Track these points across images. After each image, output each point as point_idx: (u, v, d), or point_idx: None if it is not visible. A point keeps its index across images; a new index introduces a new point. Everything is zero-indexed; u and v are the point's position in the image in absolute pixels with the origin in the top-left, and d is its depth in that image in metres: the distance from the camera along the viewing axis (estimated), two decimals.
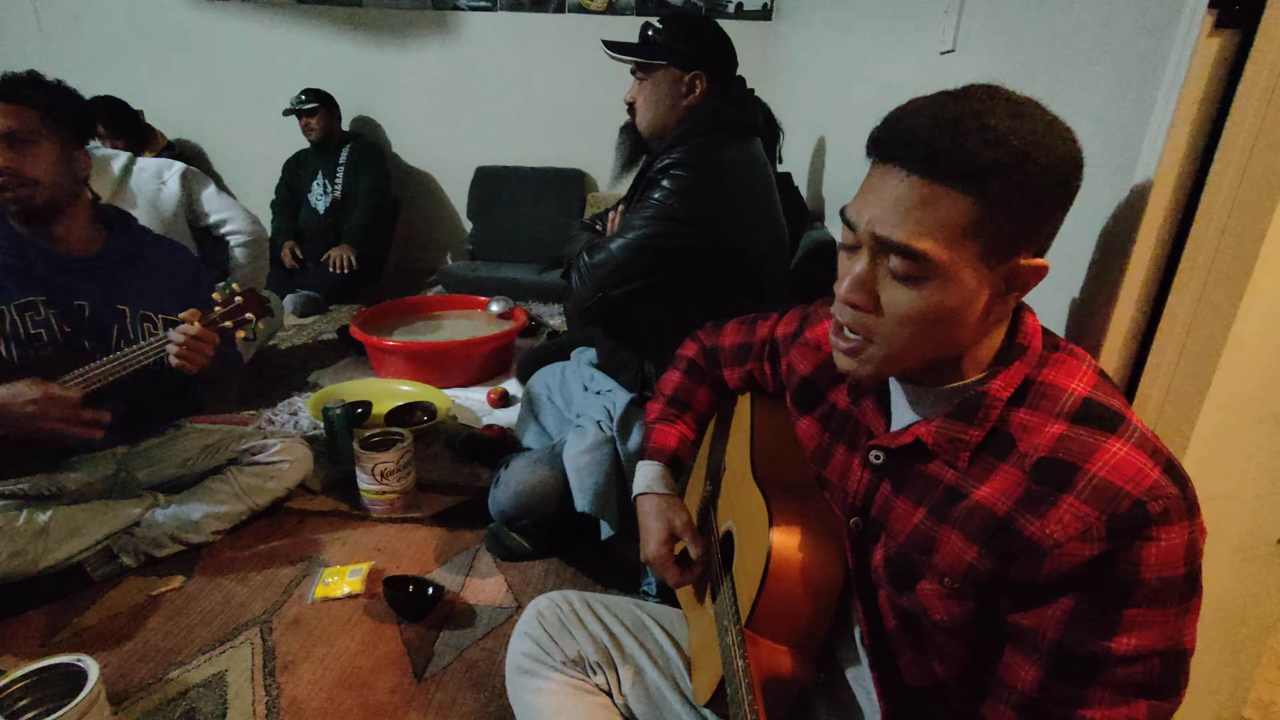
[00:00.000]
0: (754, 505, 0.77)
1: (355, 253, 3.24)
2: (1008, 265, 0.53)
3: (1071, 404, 0.54)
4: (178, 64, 3.65)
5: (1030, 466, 0.54)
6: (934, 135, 0.50)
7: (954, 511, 0.58)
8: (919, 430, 0.60)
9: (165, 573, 1.41)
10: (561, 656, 0.88)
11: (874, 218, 0.53)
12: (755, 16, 3.43)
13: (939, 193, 0.50)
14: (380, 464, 1.58)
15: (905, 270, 0.53)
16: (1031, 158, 0.49)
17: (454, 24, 3.55)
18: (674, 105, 1.34)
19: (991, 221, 0.50)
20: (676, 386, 0.98)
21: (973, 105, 0.51)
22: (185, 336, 1.26)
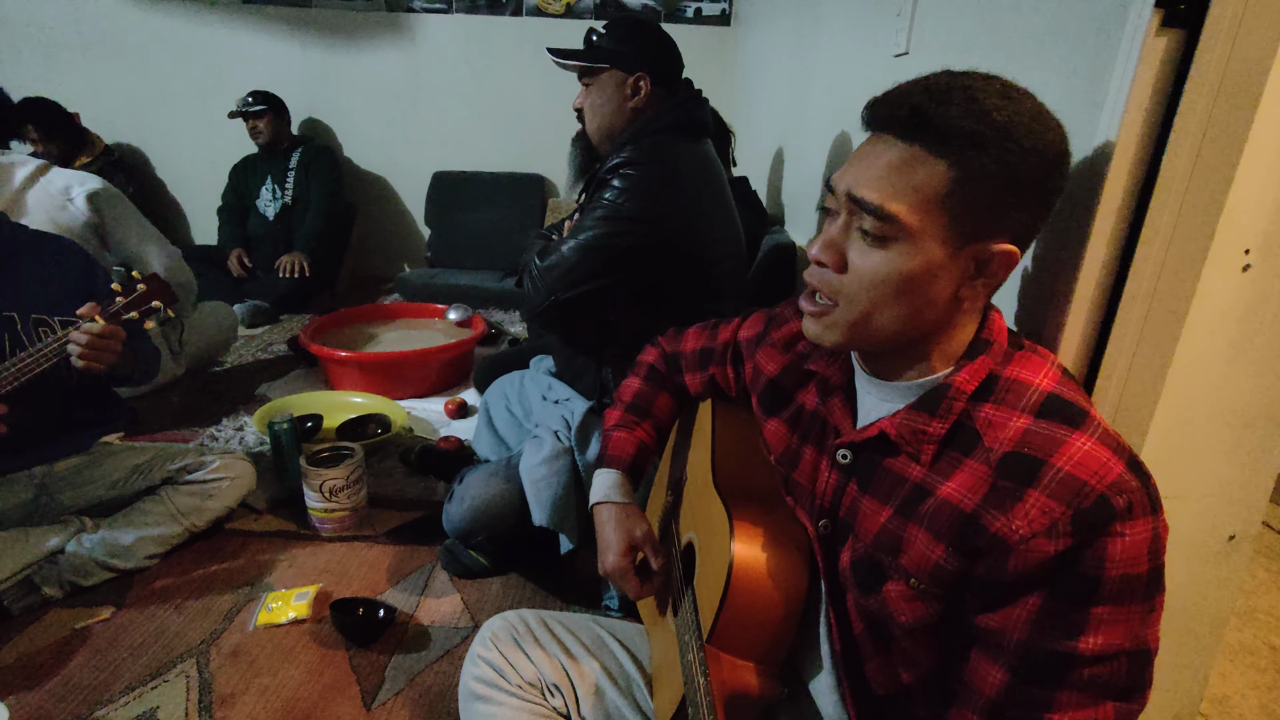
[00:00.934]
0: (715, 515, 0.75)
1: (308, 260, 3.13)
2: (977, 246, 0.53)
3: (1036, 398, 0.54)
4: (118, 65, 3.50)
5: (996, 461, 0.53)
6: (921, 100, 0.52)
7: (920, 509, 0.57)
8: (883, 423, 0.60)
9: (93, 603, 1.32)
10: (517, 679, 0.84)
11: (853, 180, 0.55)
12: (714, 22, 3.44)
13: (917, 156, 0.52)
14: (329, 480, 1.51)
15: (875, 229, 0.54)
16: (1013, 136, 0.50)
17: (408, 26, 3.47)
18: (620, 108, 1.33)
19: (965, 195, 0.51)
20: (636, 393, 0.96)
21: (967, 80, 0.53)
22: (89, 335, 1.17)
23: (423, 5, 3.44)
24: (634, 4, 3.42)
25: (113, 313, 1.22)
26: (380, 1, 3.43)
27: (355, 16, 3.45)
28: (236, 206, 3.32)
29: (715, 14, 3.43)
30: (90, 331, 1.18)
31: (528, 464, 1.28)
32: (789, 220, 2.17)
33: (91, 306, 1.20)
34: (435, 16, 3.46)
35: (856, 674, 0.65)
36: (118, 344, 1.21)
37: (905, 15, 1.22)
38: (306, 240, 3.20)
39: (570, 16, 3.44)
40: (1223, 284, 0.72)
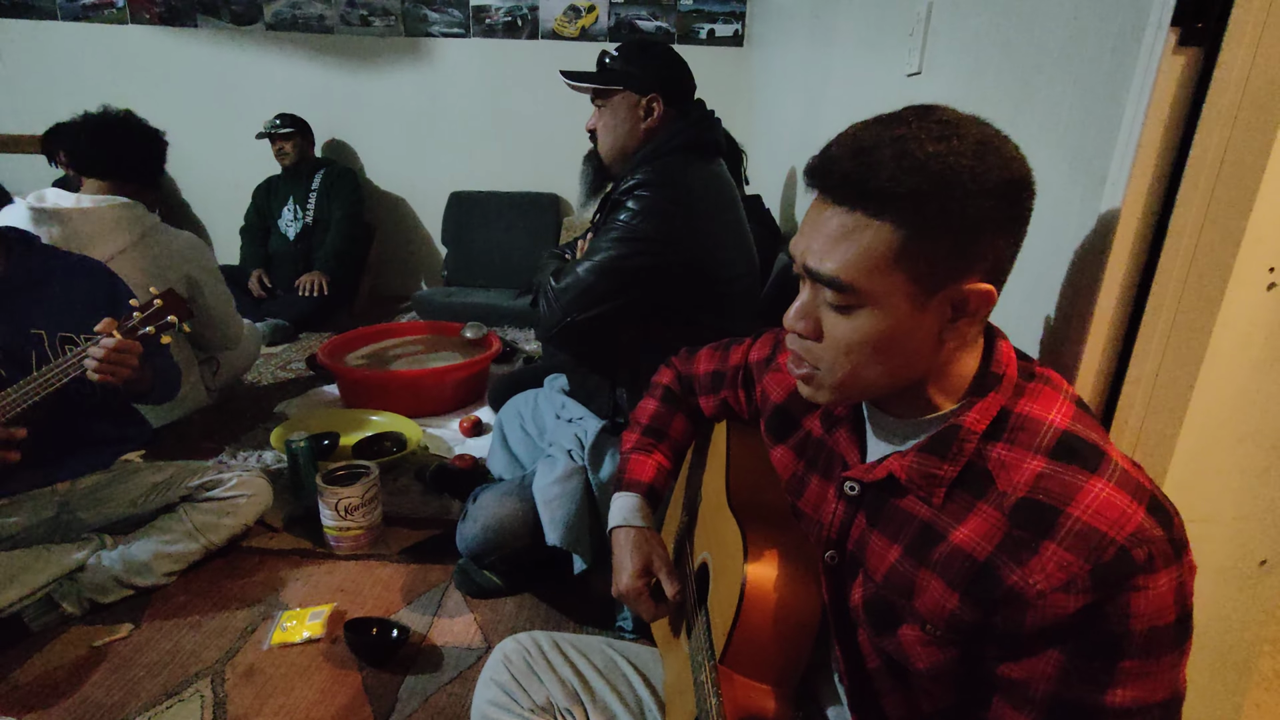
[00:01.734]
0: (729, 536, 0.74)
1: (328, 279, 3.18)
2: (947, 292, 0.51)
3: (1050, 438, 0.52)
4: (147, 92, 3.60)
5: (1009, 508, 0.51)
6: (849, 166, 0.50)
7: (933, 554, 0.55)
8: (892, 464, 0.58)
9: (111, 620, 1.33)
10: (529, 703, 0.84)
11: (806, 249, 0.54)
12: (728, 43, 3.48)
13: (860, 222, 0.50)
14: (344, 499, 1.52)
15: (837, 300, 0.53)
16: (954, 184, 0.48)
17: (427, 50, 3.55)
18: (633, 129, 1.34)
19: (919, 251, 0.49)
20: (653, 415, 0.96)
21: (894, 131, 0.50)
22: (105, 349, 1.19)
23: (441, 30, 3.51)
24: (648, 27, 3.47)
25: (130, 328, 1.24)
26: (399, 27, 3.51)
27: (375, 42, 3.53)
28: (258, 227, 3.39)
29: (728, 35, 3.47)
30: (107, 346, 1.20)
31: (541, 483, 1.28)
32: None
33: (109, 322, 1.23)
34: (453, 40, 3.53)
35: (871, 707, 0.64)
36: (134, 359, 1.23)
37: (918, 36, 1.22)
38: (327, 260, 3.26)
39: (585, 39, 3.49)
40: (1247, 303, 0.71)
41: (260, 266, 3.28)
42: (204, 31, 3.51)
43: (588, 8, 3.45)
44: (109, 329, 1.22)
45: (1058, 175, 0.77)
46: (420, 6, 3.48)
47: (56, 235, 1.68)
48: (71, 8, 3.48)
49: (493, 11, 3.48)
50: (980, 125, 0.52)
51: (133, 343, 1.23)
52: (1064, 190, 0.76)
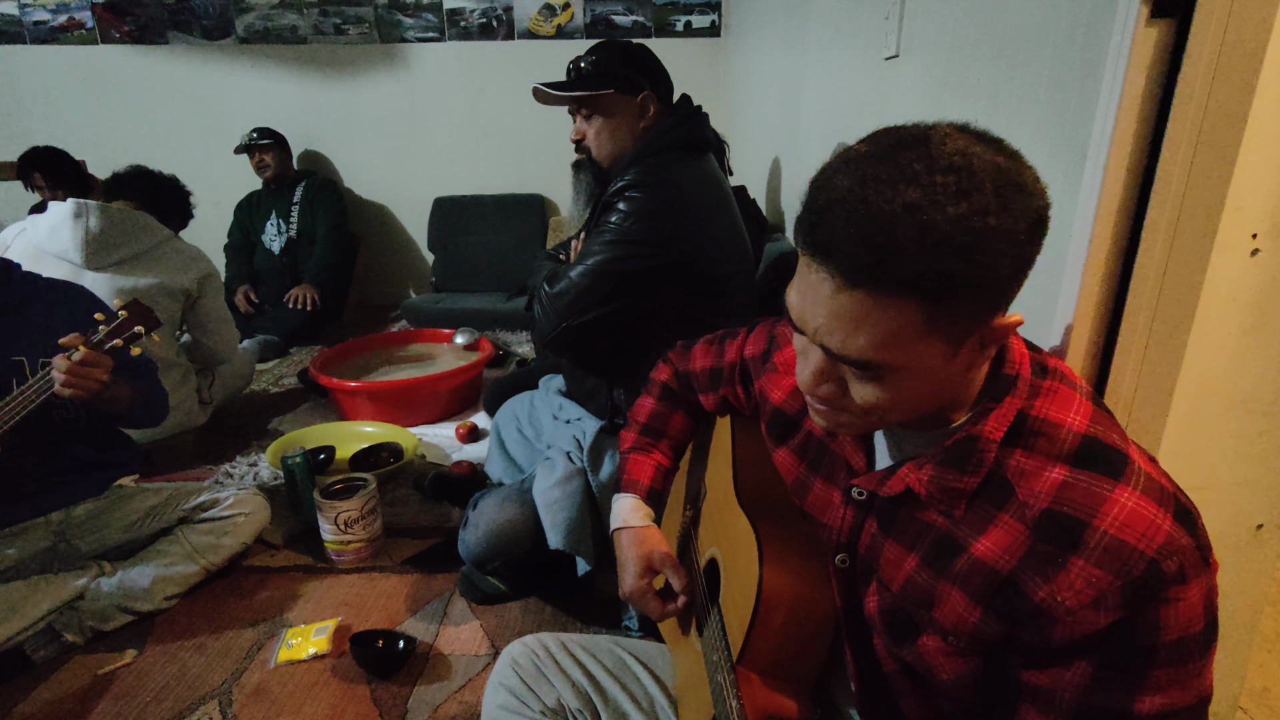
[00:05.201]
0: (740, 532, 0.73)
1: (317, 292, 3.17)
2: (979, 333, 0.49)
3: (1070, 443, 0.50)
4: (121, 111, 3.57)
5: (1032, 520, 0.49)
6: (863, 253, 0.43)
7: (953, 566, 0.53)
8: (909, 478, 0.55)
9: (115, 647, 1.32)
10: (540, 706, 0.83)
11: (820, 328, 0.48)
12: (704, 34, 3.47)
13: (881, 304, 0.45)
14: (343, 512, 1.51)
15: (864, 375, 0.49)
16: (985, 248, 0.43)
17: (403, 56, 3.52)
18: (631, 130, 1.33)
19: (950, 316, 0.46)
20: (651, 413, 0.94)
21: (903, 194, 0.43)
22: (70, 363, 1.18)
23: (416, 35, 3.49)
24: (624, 22, 3.45)
25: (96, 341, 1.23)
26: (374, 33, 3.49)
27: (350, 50, 3.51)
28: (242, 243, 3.37)
29: (705, 26, 3.46)
30: (73, 360, 1.18)
31: (541, 487, 1.28)
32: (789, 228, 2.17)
33: (74, 336, 1.22)
34: (428, 45, 3.50)
35: (887, 709, 0.63)
36: (103, 372, 1.21)
37: (894, 18, 1.22)
38: (316, 273, 3.24)
39: (561, 37, 3.47)
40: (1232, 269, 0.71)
41: (246, 283, 3.25)
42: (175, 48, 3.47)
43: (562, 5, 3.43)
44: (75, 343, 1.21)
45: (1039, 152, 0.77)
46: (394, 12, 3.45)
47: (94, 226, 1.84)
48: (40, 30, 3.44)
49: (467, 14, 3.45)
50: (990, 153, 0.45)
51: (100, 355, 1.22)
52: (1045, 167, 0.76)
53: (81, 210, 1.83)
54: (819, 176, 0.48)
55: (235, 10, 3.43)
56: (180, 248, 2.04)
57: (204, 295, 2.07)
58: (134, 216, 1.94)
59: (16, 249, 1.86)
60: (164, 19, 3.43)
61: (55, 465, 1.34)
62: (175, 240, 2.05)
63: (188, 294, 2.02)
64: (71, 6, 3.41)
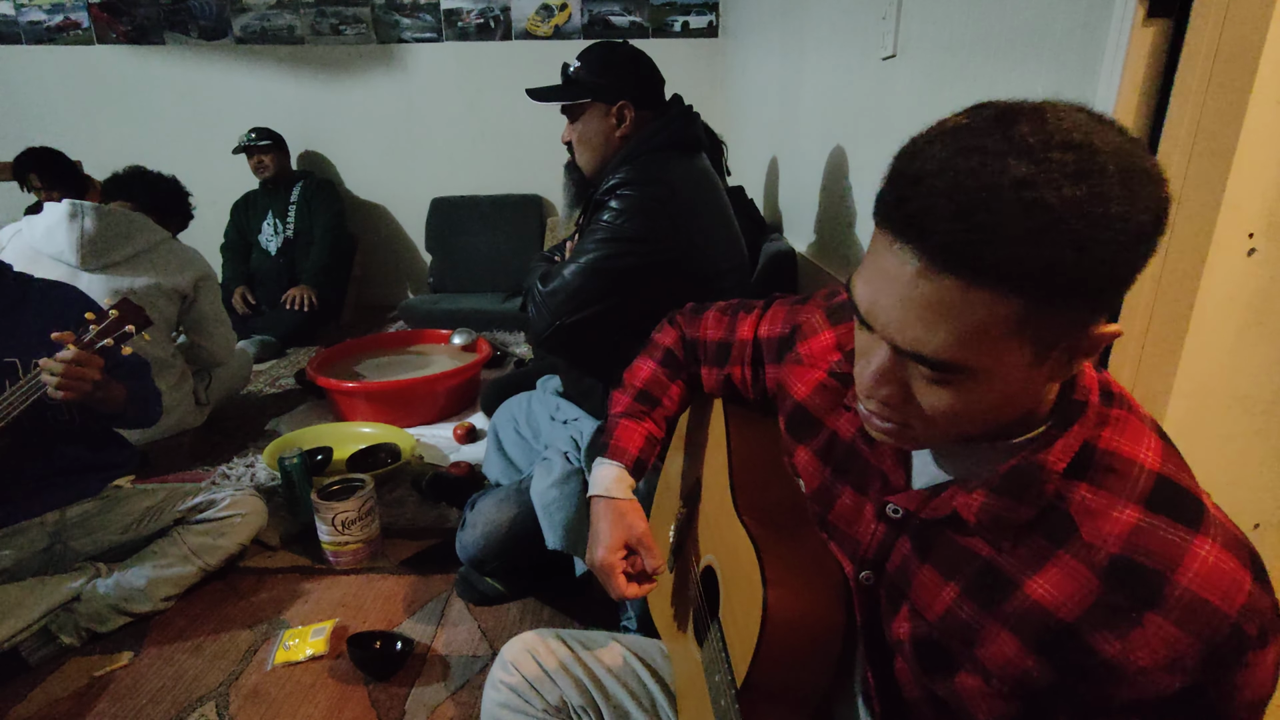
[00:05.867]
0: (740, 547, 0.70)
1: (315, 293, 3.16)
2: (1071, 341, 0.43)
3: (1144, 483, 0.45)
4: (116, 111, 3.56)
5: (1101, 567, 0.44)
6: (959, 230, 0.38)
7: (1003, 604, 0.48)
8: (957, 501, 0.50)
9: (111, 649, 1.31)
10: (543, 704, 0.82)
11: (890, 321, 0.43)
12: (702, 35, 3.47)
13: (971, 296, 0.39)
14: (341, 513, 1.51)
15: (937, 376, 0.44)
16: (1102, 240, 0.37)
17: (400, 56, 3.52)
18: (607, 139, 1.33)
19: (1047, 318, 0.40)
20: (648, 379, 0.87)
21: (1013, 169, 0.37)
22: (61, 363, 1.17)
23: (413, 35, 3.48)
24: (621, 22, 3.45)
25: (87, 341, 1.22)
26: (371, 34, 3.48)
27: (347, 50, 3.50)
28: (239, 244, 3.36)
29: (702, 26, 3.46)
30: (63, 359, 1.17)
31: (538, 487, 1.27)
32: (787, 228, 2.17)
33: (65, 335, 1.21)
34: (426, 45, 3.50)
35: None
36: (94, 371, 1.20)
37: (890, 19, 1.22)
38: (313, 273, 3.23)
39: (559, 38, 3.47)
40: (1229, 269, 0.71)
41: (243, 283, 3.25)
42: (172, 49, 3.47)
43: (560, 6, 3.43)
44: (66, 341, 1.20)
45: None
46: (391, 12, 3.45)
47: (89, 227, 1.83)
48: (36, 30, 3.43)
49: (464, 14, 3.45)
50: (1115, 133, 0.39)
51: (90, 355, 1.21)
52: None
53: (77, 211, 1.82)
54: (908, 147, 0.43)
55: (232, 10, 3.43)
56: (176, 249, 2.04)
57: (200, 296, 2.07)
58: (130, 217, 1.93)
59: (12, 250, 1.86)
60: (160, 19, 3.43)
61: (50, 466, 1.34)
62: (171, 241, 2.04)
63: (184, 295, 2.02)
64: (67, 7, 3.40)
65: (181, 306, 2.04)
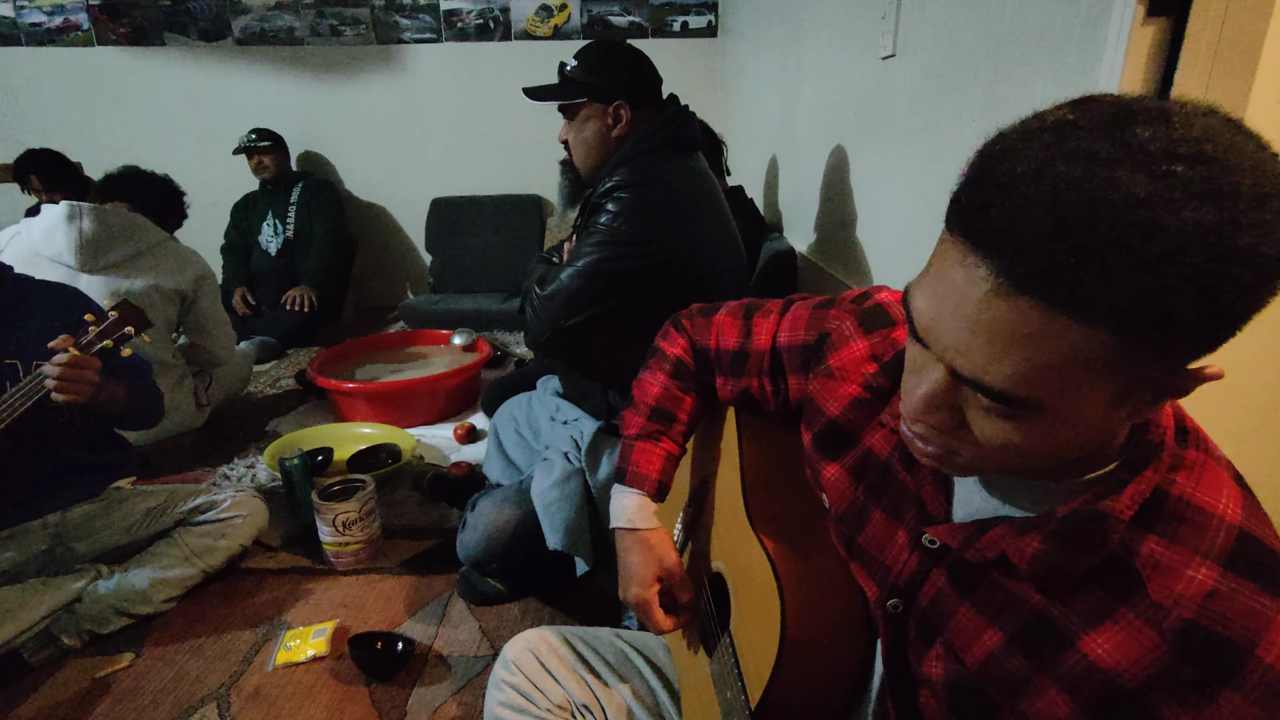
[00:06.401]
0: (754, 560, 0.68)
1: (315, 294, 3.16)
2: (1162, 382, 0.38)
3: (1223, 538, 0.40)
4: (116, 113, 3.56)
5: (1171, 631, 0.39)
6: (1047, 246, 0.33)
7: (1057, 661, 0.43)
8: (1006, 544, 0.45)
9: (112, 651, 1.31)
10: (546, 704, 0.82)
11: (955, 345, 0.38)
12: (701, 35, 3.47)
13: (1054, 323, 0.34)
14: (341, 514, 1.51)
15: (998, 409, 0.39)
16: (1225, 275, 0.32)
17: (399, 57, 3.52)
18: (603, 139, 1.33)
19: (1139, 357, 0.35)
20: (659, 395, 0.82)
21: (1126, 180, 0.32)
22: (60, 366, 1.17)
23: (412, 36, 3.48)
24: (621, 22, 3.45)
25: (86, 343, 1.22)
26: (370, 35, 3.48)
27: (347, 51, 3.50)
28: (239, 245, 3.36)
29: (702, 26, 3.46)
30: (61, 363, 1.17)
31: (539, 488, 1.27)
32: (787, 227, 2.17)
33: (64, 338, 1.20)
34: (425, 46, 3.50)
35: None
36: (93, 374, 1.20)
37: (890, 18, 1.22)
38: (313, 274, 3.23)
39: (558, 38, 3.47)
40: None
41: (243, 284, 3.25)
42: (172, 50, 3.47)
43: (559, 6, 3.43)
44: (65, 344, 1.20)
45: None
46: (391, 13, 3.45)
47: (88, 228, 1.83)
48: (36, 32, 3.43)
49: (464, 15, 3.45)
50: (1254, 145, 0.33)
51: (90, 358, 1.20)
52: None
53: (75, 213, 1.82)
54: (996, 142, 0.36)
55: (231, 12, 3.43)
56: (175, 249, 2.04)
57: (200, 297, 2.07)
58: (128, 218, 1.93)
59: (11, 252, 1.86)
60: (160, 21, 3.43)
61: (51, 468, 1.34)
62: (170, 242, 2.04)
63: (183, 296, 2.02)
64: (67, 8, 3.40)
65: (181, 307, 2.04)
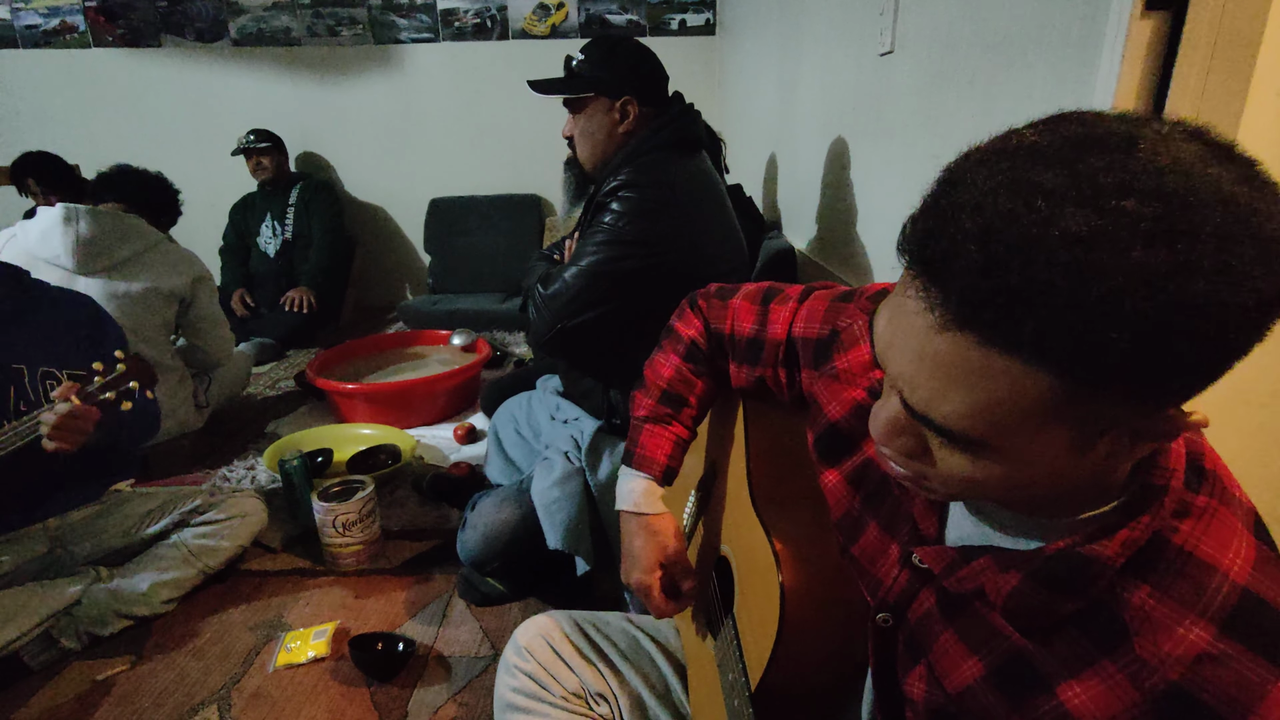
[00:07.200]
0: (757, 546, 0.69)
1: (314, 295, 3.16)
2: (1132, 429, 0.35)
3: (1225, 597, 0.36)
4: (113, 115, 3.56)
5: (1154, 693, 0.36)
6: (981, 282, 0.30)
7: (1033, 705, 0.41)
8: (985, 579, 0.43)
9: (112, 653, 1.31)
10: (561, 691, 0.81)
11: (901, 374, 0.37)
12: (699, 32, 3.46)
13: (993, 361, 0.32)
14: (341, 515, 1.51)
15: (952, 444, 0.37)
16: (1177, 326, 0.29)
17: (397, 57, 3.51)
18: (610, 134, 1.31)
19: (1089, 403, 0.32)
20: (672, 378, 0.80)
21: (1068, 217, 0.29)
22: (59, 415, 1.15)
23: (410, 36, 3.48)
24: (619, 21, 3.45)
25: (89, 393, 1.20)
26: (368, 35, 3.48)
27: (344, 51, 3.50)
28: (238, 246, 3.36)
29: (700, 24, 3.45)
30: (60, 413, 1.15)
31: (539, 487, 1.27)
32: (786, 225, 2.17)
33: (68, 386, 1.18)
34: (423, 46, 3.50)
35: None
36: (89, 424, 1.18)
37: (888, 14, 1.22)
38: (312, 275, 3.23)
39: (556, 37, 3.47)
40: None
41: (242, 286, 3.24)
42: (169, 51, 3.46)
43: (557, 5, 3.43)
44: (68, 394, 1.17)
45: None
46: (388, 13, 3.44)
47: (84, 230, 1.82)
48: (32, 34, 3.43)
49: (461, 14, 3.45)
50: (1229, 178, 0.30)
51: (90, 409, 1.18)
52: None
53: (71, 215, 1.82)
54: (954, 165, 0.34)
55: (228, 12, 3.42)
56: (172, 250, 2.03)
57: (197, 298, 2.07)
58: (124, 220, 1.93)
59: (7, 254, 1.85)
60: (157, 22, 3.42)
61: (50, 476, 1.33)
62: (167, 243, 2.04)
63: (181, 297, 2.02)
64: (64, 10, 3.39)
65: (179, 309, 2.03)
